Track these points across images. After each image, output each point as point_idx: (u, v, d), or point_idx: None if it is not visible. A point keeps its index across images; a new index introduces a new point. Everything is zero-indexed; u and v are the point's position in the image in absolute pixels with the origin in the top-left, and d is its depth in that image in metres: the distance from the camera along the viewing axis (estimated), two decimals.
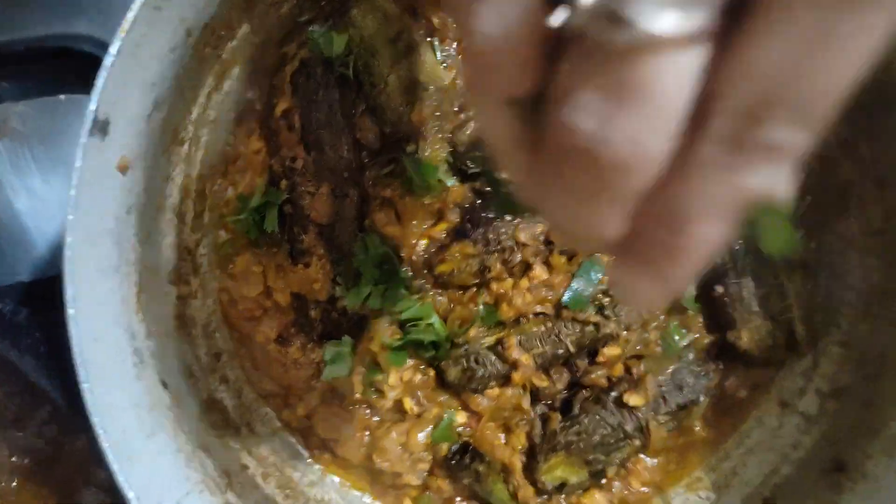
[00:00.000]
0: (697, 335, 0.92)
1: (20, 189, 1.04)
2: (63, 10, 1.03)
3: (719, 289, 0.90)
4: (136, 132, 0.71)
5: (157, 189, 0.81)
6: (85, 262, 0.66)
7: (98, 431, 0.65)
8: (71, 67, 1.05)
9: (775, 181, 0.33)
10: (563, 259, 0.88)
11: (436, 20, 0.90)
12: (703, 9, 0.30)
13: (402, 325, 0.90)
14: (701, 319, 0.92)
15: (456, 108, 0.89)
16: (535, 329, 0.89)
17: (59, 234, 1.05)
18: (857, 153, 0.87)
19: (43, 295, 0.94)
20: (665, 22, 0.29)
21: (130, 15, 0.61)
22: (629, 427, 0.90)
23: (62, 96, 1.07)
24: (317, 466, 0.94)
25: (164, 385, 0.79)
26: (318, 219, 0.87)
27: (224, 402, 0.89)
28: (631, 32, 0.29)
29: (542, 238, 0.88)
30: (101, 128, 0.64)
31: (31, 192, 1.05)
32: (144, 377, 0.75)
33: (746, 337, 0.89)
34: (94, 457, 0.91)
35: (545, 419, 0.92)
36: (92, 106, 0.62)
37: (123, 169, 0.70)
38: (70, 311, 0.64)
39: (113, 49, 0.62)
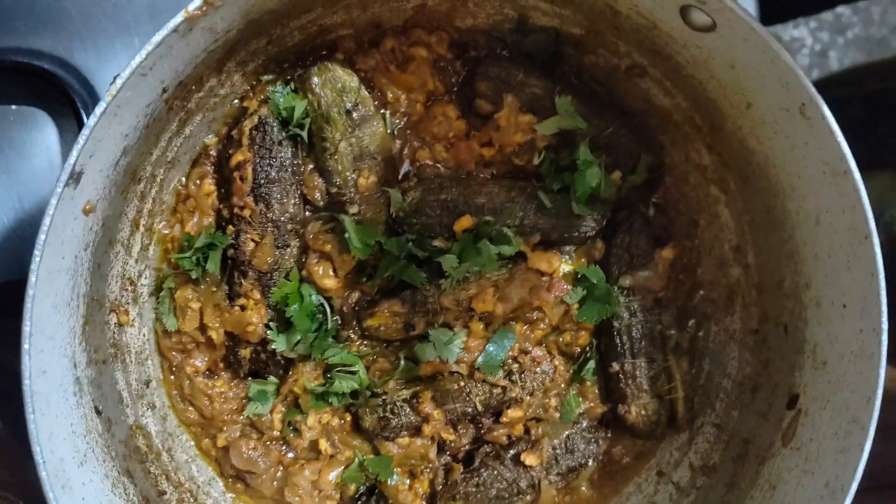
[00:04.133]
0: (592, 404, 1.02)
1: None
2: (24, 26, 1.05)
3: (615, 366, 0.99)
4: (104, 178, 0.76)
5: (112, 225, 0.85)
6: (42, 299, 0.70)
7: (38, 460, 0.69)
8: (25, 81, 1.07)
9: None
10: (482, 325, 0.96)
11: (390, 94, 0.97)
12: None
13: (326, 371, 0.97)
14: (597, 390, 1.02)
15: (399, 178, 0.97)
16: (448, 387, 0.97)
17: None
18: (745, 260, 0.99)
19: None
20: None
21: (119, 81, 0.66)
22: (523, 483, 0.99)
23: (13, 106, 1.09)
24: (229, 495, 0.99)
25: (98, 412, 0.83)
26: (258, 266, 0.93)
27: (149, 428, 0.94)
28: None
29: (465, 304, 0.96)
30: (76, 178, 0.68)
31: None
32: (82, 405, 0.80)
33: (634, 412, 0.99)
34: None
35: (448, 469, 1.00)
36: (71, 160, 0.66)
37: (88, 211, 0.75)
38: (24, 346, 0.68)
39: (98, 110, 0.67)
